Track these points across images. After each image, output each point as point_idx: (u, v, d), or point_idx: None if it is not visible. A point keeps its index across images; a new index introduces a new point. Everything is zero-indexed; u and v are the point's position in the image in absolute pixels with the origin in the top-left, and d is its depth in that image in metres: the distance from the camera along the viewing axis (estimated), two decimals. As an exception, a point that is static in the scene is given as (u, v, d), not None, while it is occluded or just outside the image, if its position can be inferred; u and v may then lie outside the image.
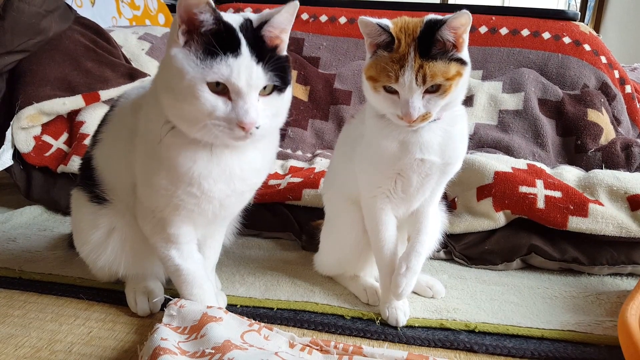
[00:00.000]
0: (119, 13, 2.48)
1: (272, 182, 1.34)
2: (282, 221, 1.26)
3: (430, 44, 0.75)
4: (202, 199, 0.77)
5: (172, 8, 2.86)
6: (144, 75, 1.55)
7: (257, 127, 0.69)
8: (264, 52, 0.69)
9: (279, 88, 0.72)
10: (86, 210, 0.88)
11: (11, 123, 1.35)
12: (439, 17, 0.77)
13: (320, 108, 1.74)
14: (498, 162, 1.22)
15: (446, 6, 2.99)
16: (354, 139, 0.92)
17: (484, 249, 1.14)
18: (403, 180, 0.85)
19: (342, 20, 1.91)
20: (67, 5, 1.61)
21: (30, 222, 1.32)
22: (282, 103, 0.74)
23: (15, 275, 1.00)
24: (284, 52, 0.75)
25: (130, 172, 0.82)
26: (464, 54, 0.78)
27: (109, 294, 0.95)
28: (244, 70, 0.67)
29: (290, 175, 1.37)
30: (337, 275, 1.03)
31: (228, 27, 0.68)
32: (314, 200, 1.24)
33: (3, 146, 1.32)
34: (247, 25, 0.70)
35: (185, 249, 0.84)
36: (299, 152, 1.63)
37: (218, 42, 0.67)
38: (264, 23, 0.70)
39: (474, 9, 0.84)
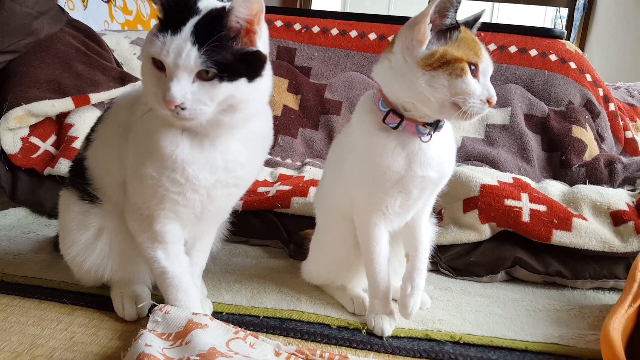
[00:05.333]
0: (111, 17, 2.48)
1: (261, 189, 1.35)
2: (270, 229, 1.26)
3: None
4: (187, 187, 0.77)
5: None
6: (135, 79, 1.55)
7: (182, 108, 0.67)
8: (210, 36, 0.67)
9: (224, 77, 0.68)
10: (76, 209, 0.87)
11: (-2, 124, 1.33)
12: None
13: (311, 117, 1.75)
14: (484, 175, 1.24)
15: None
16: (341, 155, 0.93)
17: (470, 260, 1.15)
18: (403, 196, 0.85)
19: (334, 31, 1.93)
20: (60, 7, 1.60)
21: (14, 225, 1.29)
22: (224, 94, 0.69)
23: (-3, 279, 0.99)
24: (257, 46, 0.72)
25: (122, 169, 0.82)
26: None
27: (93, 299, 0.93)
28: (174, 47, 0.67)
29: (279, 183, 1.37)
30: (325, 284, 1.03)
31: (181, 8, 0.69)
32: (302, 209, 1.24)
33: (-11, 147, 1.30)
34: (215, 11, 0.70)
35: (172, 250, 0.83)
36: (289, 160, 1.64)
37: (166, 20, 0.69)
38: (230, 11, 0.69)
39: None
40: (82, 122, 1.43)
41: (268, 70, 0.76)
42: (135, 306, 0.88)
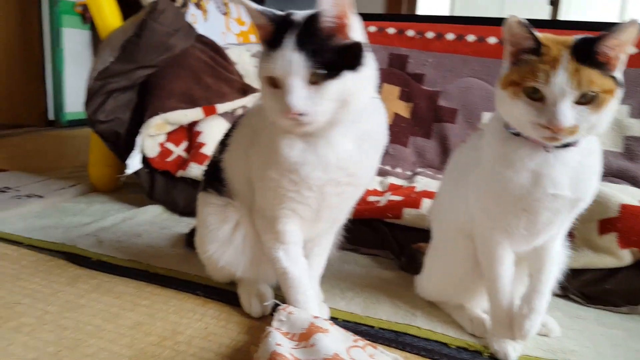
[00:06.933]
0: (227, 28, 2.66)
1: (371, 198, 1.35)
2: (379, 239, 1.26)
3: (587, 54, 0.70)
4: (302, 185, 0.81)
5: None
6: (255, 90, 1.65)
7: (303, 115, 0.72)
8: (310, 41, 0.71)
9: (331, 75, 0.72)
10: (217, 202, 0.94)
11: (141, 131, 1.51)
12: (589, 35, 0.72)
13: (423, 125, 1.71)
14: (624, 194, 1.11)
15: (556, 22, 2.80)
16: (465, 166, 0.89)
17: (605, 288, 1.04)
18: (529, 217, 0.79)
19: (450, 36, 1.87)
20: (189, 24, 1.77)
21: (152, 220, 1.45)
22: (335, 91, 0.72)
23: (142, 268, 1.11)
24: (352, 38, 0.74)
25: (248, 168, 0.88)
26: (619, 75, 0.72)
27: (222, 293, 1.01)
28: (281, 62, 0.71)
29: (390, 192, 1.36)
30: (441, 302, 1.00)
31: (283, 27, 0.73)
32: (414, 220, 1.22)
33: (134, 151, 1.48)
34: (309, 19, 0.73)
35: (292, 250, 0.88)
36: (399, 170, 1.62)
37: (271, 41, 0.74)
38: (320, 14, 0.72)
39: (590, 26, 0.77)
40: (209, 129, 1.56)
41: (369, 58, 0.78)
42: (260, 304, 0.94)
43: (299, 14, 0.75)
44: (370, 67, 0.78)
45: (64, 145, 2.68)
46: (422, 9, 3.05)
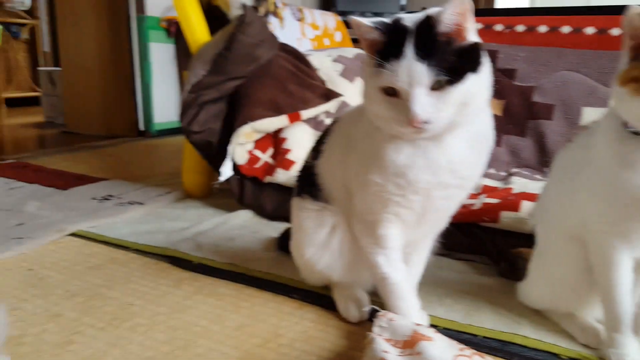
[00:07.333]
0: (302, 34, 2.71)
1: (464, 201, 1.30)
2: (475, 243, 1.21)
3: None
4: (408, 190, 0.80)
5: (348, 25, 3.03)
6: (337, 95, 1.67)
7: (427, 122, 0.70)
8: (431, 48, 0.70)
9: (455, 80, 0.69)
10: (312, 207, 0.95)
11: (231, 139, 1.58)
12: None
13: (516, 123, 1.62)
14: None
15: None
16: (574, 167, 0.84)
17: None
18: None
19: (542, 29, 1.76)
20: (273, 34, 1.83)
21: (243, 224, 1.51)
22: (458, 95, 0.70)
23: (240, 271, 1.16)
24: (469, 39, 0.72)
25: (343, 174, 0.88)
26: None
27: (318, 297, 1.03)
28: (405, 72, 0.69)
29: (484, 195, 1.30)
30: (548, 310, 0.94)
31: (396, 36, 0.72)
32: (513, 224, 1.16)
33: (226, 159, 1.55)
34: (423, 24, 0.72)
35: (392, 255, 0.87)
36: (492, 170, 1.55)
37: (385, 51, 0.72)
38: (439, 20, 0.70)
39: None
40: (294, 135, 1.60)
41: (485, 56, 0.76)
42: (357, 309, 0.94)
43: (408, 19, 0.73)
44: (487, 67, 0.76)
45: (155, 154, 2.89)
46: (500, 3, 2.91)
